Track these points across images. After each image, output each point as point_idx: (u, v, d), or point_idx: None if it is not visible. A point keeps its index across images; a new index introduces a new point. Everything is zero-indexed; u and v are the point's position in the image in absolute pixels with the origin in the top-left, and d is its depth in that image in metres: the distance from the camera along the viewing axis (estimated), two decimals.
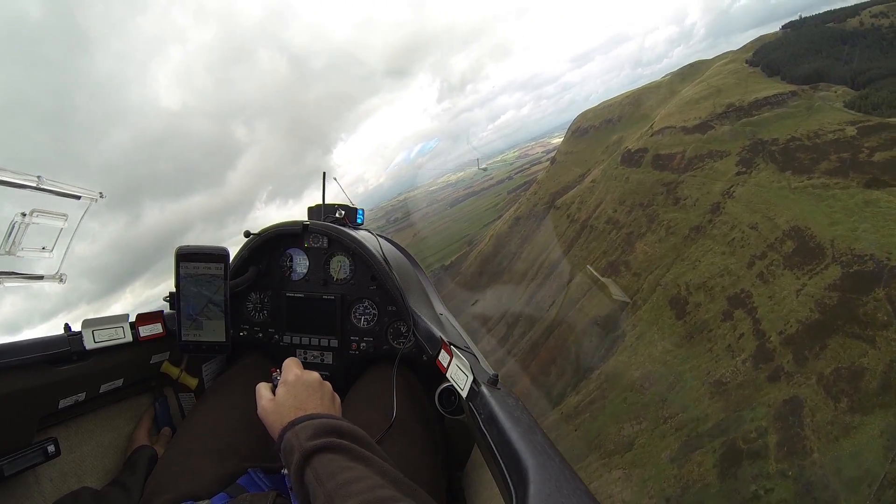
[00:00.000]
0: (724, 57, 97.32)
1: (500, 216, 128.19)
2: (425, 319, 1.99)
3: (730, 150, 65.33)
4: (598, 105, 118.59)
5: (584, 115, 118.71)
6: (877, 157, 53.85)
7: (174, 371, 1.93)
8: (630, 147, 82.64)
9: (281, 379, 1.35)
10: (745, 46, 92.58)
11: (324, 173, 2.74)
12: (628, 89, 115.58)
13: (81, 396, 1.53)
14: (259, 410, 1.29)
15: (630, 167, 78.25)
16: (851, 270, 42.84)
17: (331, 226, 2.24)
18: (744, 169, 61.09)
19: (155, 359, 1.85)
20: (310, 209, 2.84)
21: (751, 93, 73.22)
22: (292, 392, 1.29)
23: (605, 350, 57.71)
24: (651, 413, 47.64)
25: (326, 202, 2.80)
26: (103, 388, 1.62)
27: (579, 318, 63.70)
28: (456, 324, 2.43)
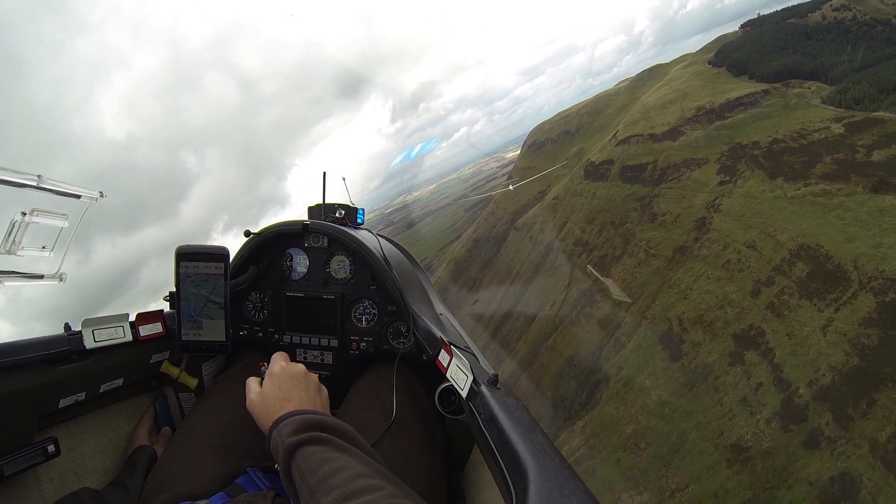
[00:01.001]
0: (682, 59, 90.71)
1: (458, 237, 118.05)
2: (425, 319, 1.94)
3: (707, 156, 56.83)
4: (554, 117, 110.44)
5: (539, 128, 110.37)
6: (876, 156, 46.09)
7: (174, 371, 1.87)
8: (593, 159, 73.87)
9: (267, 372, 1.34)
10: (704, 48, 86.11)
11: (324, 173, 2.76)
12: (581, 100, 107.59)
13: (81, 396, 1.51)
14: (247, 403, 1.29)
15: (596, 181, 69.16)
16: (888, 299, 33.83)
17: (331, 225, 2.18)
18: (727, 177, 52.45)
19: (155, 358, 1.81)
20: (310, 209, 2.72)
21: (720, 94, 65.63)
22: (277, 383, 1.28)
23: (587, 395, 47.47)
24: (653, 482, 37.20)
25: (326, 202, 2.70)
26: (103, 387, 1.59)
27: (554, 358, 53.29)
28: (456, 324, 2.34)
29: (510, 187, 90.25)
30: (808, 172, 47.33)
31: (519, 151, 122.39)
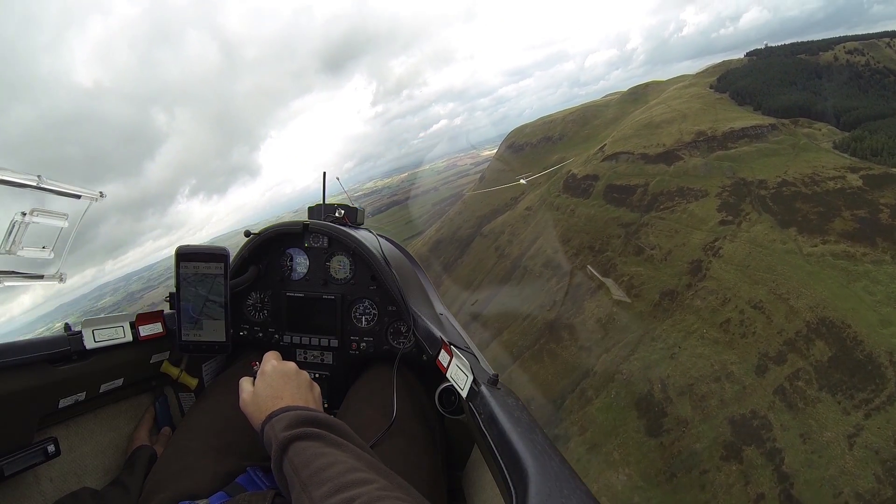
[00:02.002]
0: (681, 79, 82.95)
1: (422, 233, 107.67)
2: (425, 319, 1.91)
3: (706, 188, 48.56)
4: (536, 120, 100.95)
5: (520, 130, 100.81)
6: None
7: (174, 371, 1.83)
8: (575, 172, 64.98)
9: (259, 371, 1.31)
10: (706, 70, 78.56)
11: (324, 173, 2.71)
12: (564, 108, 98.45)
13: (81, 396, 1.48)
14: (240, 403, 1.27)
15: (576, 196, 60.21)
16: None
17: (331, 225, 2.12)
18: (729, 217, 44.24)
19: (155, 358, 1.78)
20: (310, 209, 2.66)
21: (722, 121, 57.71)
22: (268, 382, 1.25)
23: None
24: None
25: (326, 202, 2.66)
26: (103, 387, 1.56)
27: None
28: (456, 324, 2.29)
29: (522, 181, 79.95)
30: (826, 227, 39.65)
31: (495, 151, 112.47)
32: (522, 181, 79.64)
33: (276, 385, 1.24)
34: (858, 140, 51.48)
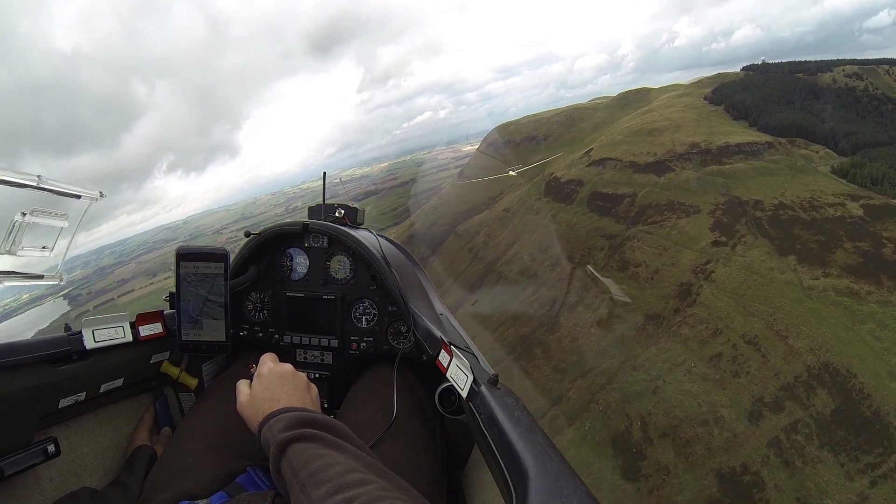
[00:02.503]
0: (673, 88, 79.49)
1: (397, 223, 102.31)
2: (425, 319, 1.90)
3: (698, 204, 44.81)
4: (522, 118, 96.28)
5: (504, 127, 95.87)
6: None
7: (174, 371, 1.83)
8: (559, 175, 60.76)
9: (256, 373, 1.31)
10: (701, 81, 75.13)
11: (324, 173, 2.73)
12: (549, 109, 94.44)
13: (81, 396, 1.48)
14: (237, 406, 1.27)
15: (558, 202, 55.95)
16: None
17: (331, 225, 2.11)
18: (723, 238, 40.51)
19: (155, 358, 1.78)
20: (310, 209, 2.70)
21: (717, 134, 54.20)
22: (265, 384, 1.26)
23: None
24: None
25: (326, 202, 2.68)
26: (103, 387, 1.57)
27: None
28: (456, 324, 2.29)
29: (511, 172, 75.95)
30: (828, 258, 36.22)
31: (477, 146, 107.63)
32: (512, 172, 75.94)
33: (272, 387, 1.23)
34: (858, 167, 48.68)
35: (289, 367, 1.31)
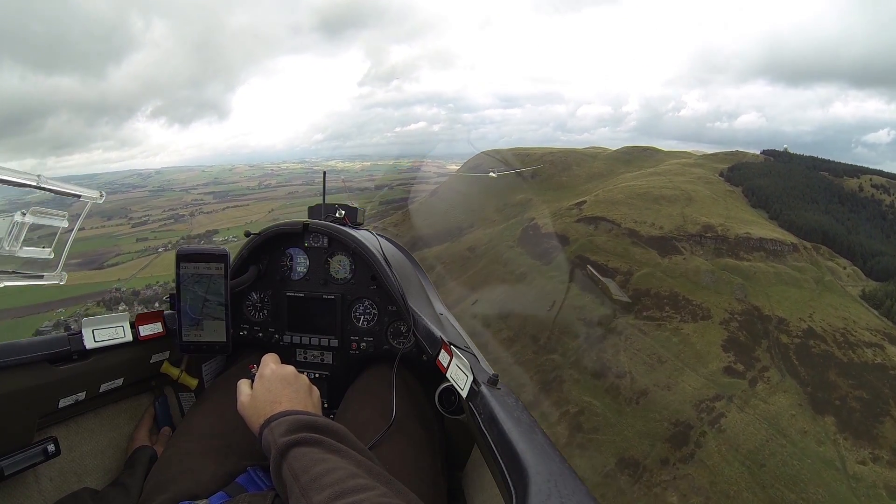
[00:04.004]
0: (683, 155, 70.39)
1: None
2: (425, 319, 1.87)
3: (709, 306, 33.92)
4: (512, 149, 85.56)
5: (491, 154, 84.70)
6: None
7: (174, 371, 1.81)
8: (540, 222, 49.64)
9: (257, 374, 1.30)
10: (716, 155, 66.30)
11: (324, 173, 2.73)
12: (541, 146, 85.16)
13: (81, 396, 1.47)
14: (238, 406, 1.25)
15: (533, 257, 44.45)
16: None
17: (331, 225, 2.08)
18: (739, 364, 29.46)
19: (155, 358, 1.76)
20: (310, 209, 2.66)
21: (735, 221, 44.21)
22: (267, 386, 1.24)
23: None
24: None
25: (327, 202, 2.63)
26: (103, 387, 1.55)
27: None
28: (456, 324, 2.24)
29: (493, 174, 66.86)
30: (875, 430, 25.73)
31: (457, 167, 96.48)
32: (493, 174, 67.35)
33: (274, 389, 1.21)
34: (892, 297, 39.68)
35: (291, 369, 1.28)
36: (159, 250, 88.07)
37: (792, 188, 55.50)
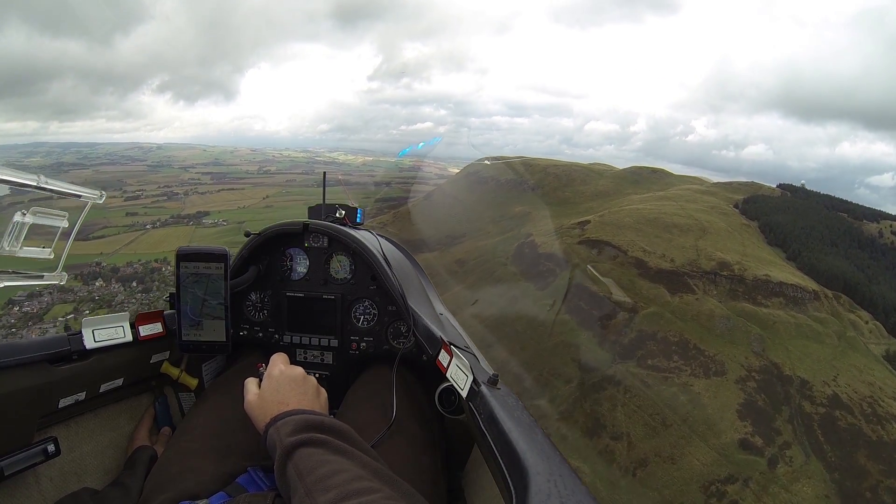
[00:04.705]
0: (695, 181, 66.12)
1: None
2: (425, 319, 1.86)
3: (723, 359, 29.35)
4: (515, 157, 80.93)
5: (492, 162, 79.89)
6: None
7: (174, 371, 1.81)
8: (538, 240, 45.07)
9: (265, 374, 1.29)
10: (731, 185, 61.89)
11: (324, 174, 2.68)
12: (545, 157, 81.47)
13: (81, 396, 1.47)
14: (245, 405, 1.25)
15: (527, 278, 39.84)
16: None
17: (331, 225, 2.07)
18: (757, 437, 24.95)
19: (155, 358, 1.76)
20: (310, 209, 2.62)
21: (753, 259, 39.73)
22: (275, 386, 1.24)
23: None
24: None
25: (327, 202, 2.61)
26: (103, 387, 1.55)
27: None
28: (456, 324, 2.22)
29: (487, 161, 64.72)
30: None
31: (458, 170, 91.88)
32: (487, 162, 67.28)
33: (282, 390, 1.22)
34: None
35: (300, 370, 1.28)
36: (147, 227, 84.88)
37: (811, 228, 51.31)
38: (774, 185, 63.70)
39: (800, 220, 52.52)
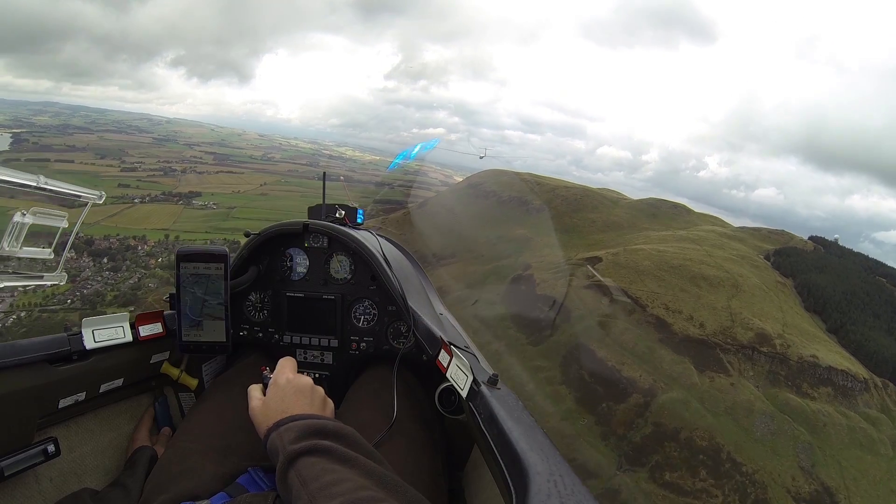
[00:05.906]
0: (713, 220, 58.94)
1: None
2: (425, 319, 1.87)
3: (763, 477, 21.96)
4: (524, 173, 73.77)
5: (497, 174, 72.53)
6: None
7: (174, 371, 1.82)
8: (537, 277, 37.69)
9: (272, 380, 1.28)
10: (760, 231, 54.22)
11: (324, 173, 2.71)
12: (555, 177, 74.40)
13: (81, 396, 1.47)
14: (249, 411, 1.26)
15: (520, 328, 32.44)
16: None
17: (331, 225, 2.06)
18: None
19: (155, 359, 1.77)
20: (310, 209, 2.61)
21: (794, 331, 32.29)
22: (281, 395, 1.23)
23: None
24: None
25: (327, 202, 2.60)
26: (103, 387, 1.56)
27: None
28: (456, 324, 2.23)
29: (481, 156, 57.67)
30: None
31: (461, 180, 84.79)
32: (481, 156, 57.63)
33: (288, 398, 1.20)
34: None
35: (307, 380, 1.27)
36: (135, 201, 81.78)
37: (851, 296, 43.69)
38: (805, 238, 56.49)
39: (839, 284, 44.93)
